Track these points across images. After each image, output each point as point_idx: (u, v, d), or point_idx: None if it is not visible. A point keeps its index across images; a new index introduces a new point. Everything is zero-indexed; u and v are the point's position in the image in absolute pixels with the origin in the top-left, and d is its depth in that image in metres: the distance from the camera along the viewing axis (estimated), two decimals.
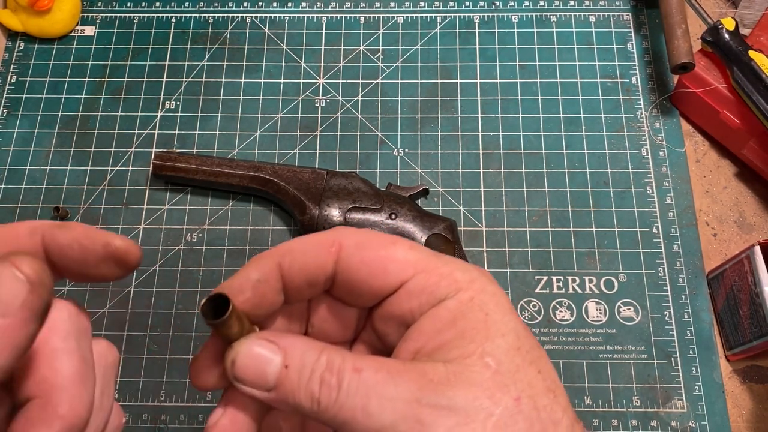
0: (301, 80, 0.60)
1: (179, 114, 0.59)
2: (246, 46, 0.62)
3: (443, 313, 0.25)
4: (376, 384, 0.23)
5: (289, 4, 0.63)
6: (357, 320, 0.29)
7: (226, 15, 0.63)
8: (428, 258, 0.26)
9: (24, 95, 0.60)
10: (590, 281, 0.52)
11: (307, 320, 0.29)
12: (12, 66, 0.61)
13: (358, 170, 0.56)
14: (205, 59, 0.61)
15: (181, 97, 0.60)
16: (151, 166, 0.56)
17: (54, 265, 0.25)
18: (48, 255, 0.25)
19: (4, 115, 0.59)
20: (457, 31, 0.62)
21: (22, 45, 0.62)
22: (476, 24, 0.62)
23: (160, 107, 0.59)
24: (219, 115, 0.59)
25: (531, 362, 0.24)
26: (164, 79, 0.60)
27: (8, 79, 0.60)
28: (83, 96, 0.60)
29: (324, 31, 0.62)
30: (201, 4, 0.64)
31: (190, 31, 0.62)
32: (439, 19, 0.62)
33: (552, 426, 0.23)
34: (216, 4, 0.63)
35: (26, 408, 0.23)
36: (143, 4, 0.64)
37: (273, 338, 0.25)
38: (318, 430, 0.29)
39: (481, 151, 0.57)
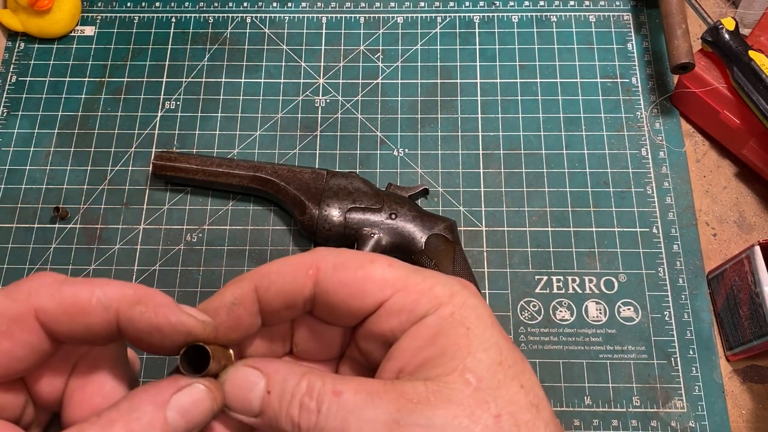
0: (301, 80, 0.60)
1: (179, 114, 0.59)
2: (246, 46, 0.62)
3: (424, 330, 0.24)
4: (355, 407, 0.23)
5: (289, 4, 0.63)
6: (341, 338, 0.29)
7: (226, 15, 0.63)
8: (407, 275, 0.25)
9: (24, 95, 0.60)
10: (590, 281, 0.52)
11: (291, 340, 0.29)
12: (12, 66, 0.61)
13: (358, 170, 0.56)
14: (205, 59, 0.61)
15: (181, 97, 0.60)
16: (151, 166, 0.56)
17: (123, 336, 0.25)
18: (120, 333, 0.24)
19: (4, 115, 0.59)
20: (457, 31, 0.62)
21: (22, 45, 0.62)
22: (476, 24, 0.62)
23: (160, 107, 0.59)
24: (219, 115, 0.59)
25: (513, 377, 0.24)
26: (164, 79, 0.60)
27: (8, 79, 0.60)
28: (83, 96, 0.60)
29: (324, 31, 0.62)
30: (201, 4, 0.64)
31: (190, 31, 0.62)
32: (439, 19, 0.62)
33: None
34: (216, 4, 0.63)
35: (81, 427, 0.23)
36: (143, 4, 0.64)
37: (257, 365, 0.25)
38: None
39: (481, 151, 0.57)
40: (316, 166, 0.56)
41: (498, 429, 0.22)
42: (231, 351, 0.26)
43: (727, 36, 0.52)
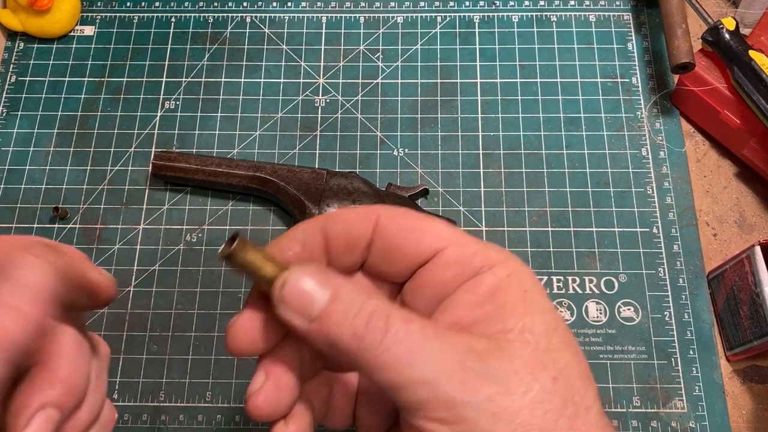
0: (301, 80, 0.60)
1: (179, 114, 0.59)
2: (246, 46, 0.61)
3: (481, 286, 0.25)
4: (424, 339, 0.23)
5: (289, 4, 0.63)
6: (388, 299, 0.29)
7: (225, 15, 0.63)
8: (463, 234, 0.26)
9: (23, 95, 0.60)
10: (590, 281, 0.52)
11: None
12: (11, 66, 0.61)
13: (358, 170, 0.56)
14: (205, 59, 0.61)
15: (181, 96, 0.60)
16: (150, 166, 0.56)
17: None
18: None
19: (4, 114, 0.59)
20: (457, 30, 0.62)
21: (22, 45, 0.62)
22: (476, 24, 0.62)
23: (159, 107, 0.59)
24: (219, 115, 0.59)
25: (568, 344, 0.24)
26: (164, 79, 0.60)
27: (8, 79, 0.60)
28: (83, 96, 0.60)
29: (324, 30, 0.62)
30: (201, 3, 0.63)
31: (190, 30, 0.62)
32: (439, 19, 0.62)
33: (584, 411, 0.23)
34: (216, 4, 0.63)
35: (30, 374, 0.24)
36: (143, 3, 0.64)
37: (325, 275, 0.24)
38: (341, 403, 0.29)
39: (481, 151, 0.57)
40: (316, 166, 0.56)
41: (554, 390, 0.23)
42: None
43: (727, 36, 0.52)
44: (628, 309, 0.52)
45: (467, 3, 0.63)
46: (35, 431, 0.23)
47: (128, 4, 0.64)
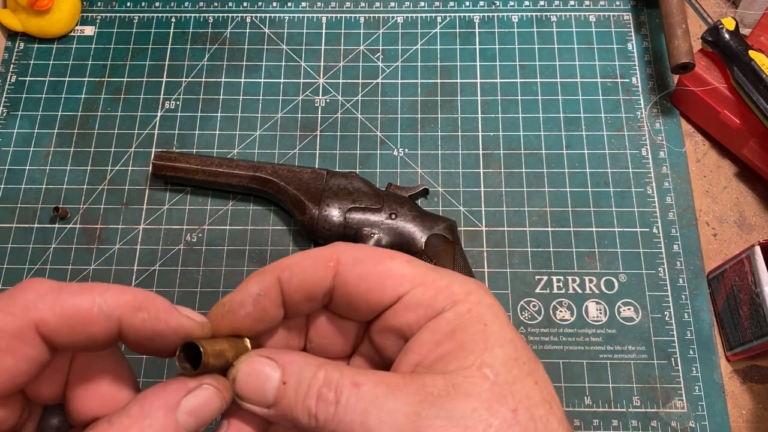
0: (301, 80, 0.60)
1: (179, 114, 0.59)
2: (246, 46, 0.62)
3: (442, 325, 0.25)
4: (375, 398, 0.23)
5: (289, 4, 0.63)
6: (355, 334, 0.29)
7: (225, 15, 0.63)
8: (425, 272, 0.26)
9: (24, 95, 0.60)
10: (590, 281, 0.52)
11: (306, 335, 0.29)
12: (12, 66, 0.61)
13: (358, 170, 0.56)
14: (205, 59, 0.61)
15: (181, 96, 0.60)
16: (150, 166, 0.56)
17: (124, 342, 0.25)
18: (122, 338, 0.25)
19: (4, 114, 0.59)
20: (457, 31, 0.62)
21: (22, 45, 0.62)
22: (476, 24, 0.62)
23: (159, 107, 0.59)
24: (219, 115, 0.59)
25: (528, 373, 0.24)
26: (164, 79, 0.60)
27: (8, 79, 0.60)
28: (83, 96, 0.60)
29: (324, 30, 0.62)
30: (201, 3, 0.64)
31: (190, 30, 0.62)
32: (439, 19, 0.62)
33: None
34: (216, 4, 0.63)
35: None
36: (143, 3, 0.64)
37: (272, 355, 0.25)
38: None
39: (481, 151, 0.57)
40: (316, 166, 0.56)
41: (515, 422, 0.23)
42: (248, 341, 0.26)
43: (727, 36, 0.52)
44: (628, 309, 0.52)
45: (467, 3, 0.63)
46: None
47: (128, 4, 0.64)
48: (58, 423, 0.26)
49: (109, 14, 0.63)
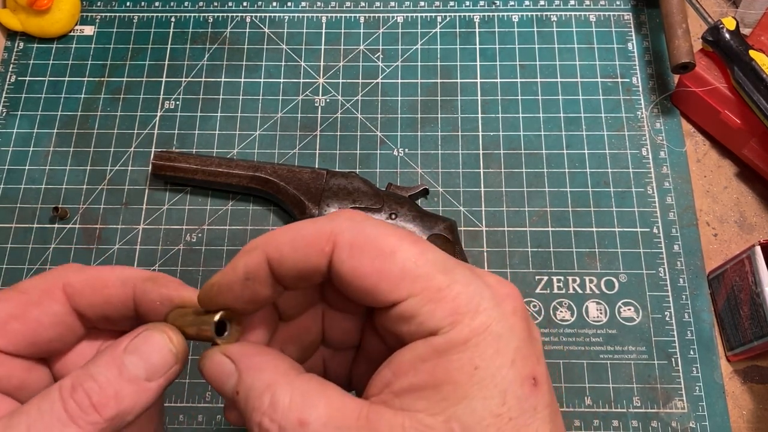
0: (301, 80, 0.60)
1: (179, 114, 0.59)
2: (246, 46, 0.61)
3: (428, 351, 0.21)
4: None
5: (289, 4, 0.63)
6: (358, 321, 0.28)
7: (225, 14, 0.63)
8: (432, 274, 0.22)
9: (23, 95, 0.60)
10: (590, 281, 0.52)
11: (321, 296, 0.28)
12: (11, 66, 0.61)
13: (358, 170, 0.56)
14: (205, 59, 0.61)
15: (181, 96, 0.59)
16: (150, 165, 0.56)
17: (138, 315, 0.27)
18: (136, 307, 0.27)
19: (4, 114, 0.59)
20: (457, 30, 0.62)
21: (22, 44, 0.62)
22: (476, 24, 0.62)
23: (159, 107, 0.59)
24: (218, 114, 0.59)
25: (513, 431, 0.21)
26: (164, 79, 0.60)
27: (7, 79, 0.60)
28: (82, 96, 0.60)
29: (324, 30, 0.62)
30: (200, 3, 0.63)
31: (190, 30, 0.62)
32: (439, 19, 0.62)
33: None
34: (215, 4, 0.63)
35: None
36: (143, 3, 0.64)
37: (235, 357, 0.24)
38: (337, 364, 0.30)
39: (481, 151, 0.57)
40: (316, 166, 0.56)
41: None
42: (217, 315, 0.25)
43: (727, 35, 0.52)
44: (629, 309, 0.51)
45: (467, 3, 0.63)
46: None
47: (128, 3, 0.64)
48: None
49: (108, 14, 0.63)
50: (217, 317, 0.25)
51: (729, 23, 0.52)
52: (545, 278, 0.53)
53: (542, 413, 0.21)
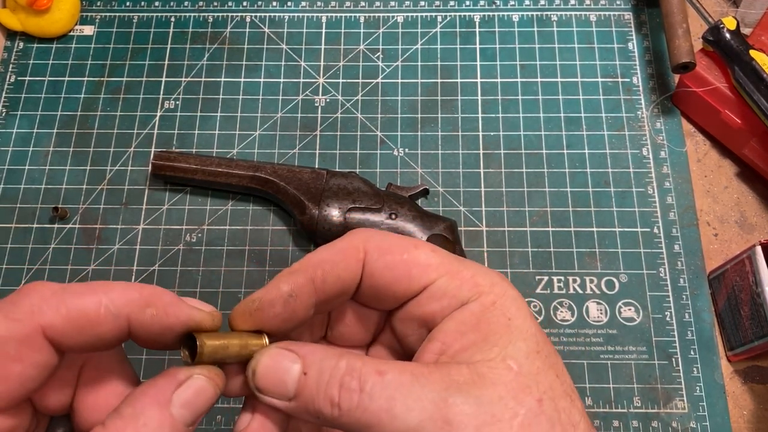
0: (301, 80, 0.60)
1: (178, 114, 0.59)
2: (245, 46, 0.61)
3: (467, 316, 0.25)
4: (400, 386, 0.23)
5: (289, 4, 0.63)
6: (376, 323, 0.29)
7: (225, 14, 0.63)
8: (450, 262, 0.26)
9: (23, 95, 0.60)
10: (591, 281, 0.52)
11: (327, 324, 0.29)
12: (11, 65, 0.61)
13: (358, 170, 0.56)
14: (205, 59, 0.61)
15: (181, 96, 0.59)
16: (150, 165, 0.56)
17: (134, 340, 0.25)
18: (132, 337, 0.24)
19: (3, 114, 0.59)
20: (458, 30, 0.62)
21: (21, 44, 0.62)
22: (476, 23, 0.62)
23: (159, 107, 0.59)
24: (218, 114, 0.59)
25: (550, 366, 0.25)
26: (163, 79, 0.60)
27: (7, 79, 0.60)
28: (82, 96, 0.60)
29: (324, 30, 0.62)
30: (200, 3, 0.63)
31: (190, 30, 0.62)
32: (439, 19, 0.62)
33: (571, 428, 0.24)
34: (215, 4, 0.63)
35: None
36: (142, 3, 0.64)
37: (292, 347, 0.25)
38: None
39: (481, 151, 0.57)
40: (316, 166, 0.56)
41: (541, 412, 0.23)
42: (266, 336, 0.26)
43: (728, 35, 0.52)
44: (629, 309, 0.51)
45: (467, 2, 0.63)
46: None
47: (128, 3, 0.64)
48: None
49: (108, 14, 0.63)
50: (266, 340, 0.25)
51: (729, 23, 0.52)
52: (545, 278, 0.52)
53: (559, 356, 0.26)
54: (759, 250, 0.46)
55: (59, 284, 0.23)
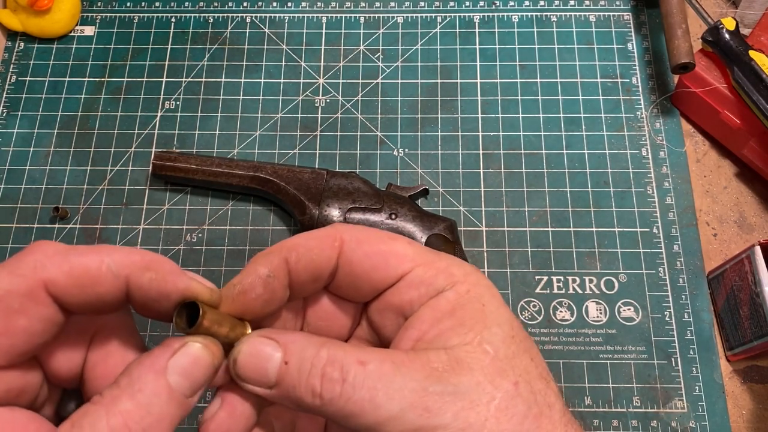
0: (301, 80, 0.60)
1: (179, 114, 0.59)
2: (246, 46, 0.61)
3: (442, 303, 0.26)
4: (382, 375, 0.23)
5: (289, 4, 0.63)
6: (353, 315, 0.29)
7: (225, 15, 0.63)
8: (425, 253, 0.27)
9: (24, 95, 0.60)
10: (590, 281, 0.52)
11: (303, 318, 0.29)
12: (12, 66, 0.61)
13: (358, 170, 0.56)
14: (205, 59, 0.61)
15: (181, 97, 0.60)
16: (150, 166, 0.56)
17: (131, 304, 0.25)
18: (129, 299, 0.24)
19: (4, 115, 0.59)
20: (457, 30, 0.62)
21: (22, 45, 0.62)
22: (476, 24, 0.62)
23: (159, 107, 0.59)
24: (219, 115, 0.59)
25: (525, 350, 0.25)
26: (164, 79, 0.60)
27: (8, 79, 0.60)
28: (83, 96, 0.60)
29: (324, 30, 0.62)
30: (201, 3, 0.63)
31: (190, 30, 0.62)
32: (439, 19, 0.62)
33: (547, 409, 0.24)
34: (216, 4, 0.63)
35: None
36: (143, 3, 0.64)
37: (273, 335, 0.25)
38: (308, 427, 0.29)
39: (481, 151, 0.57)
40: (316, 166, 0.56)
41: (517, 394, 0.24)
42: (247, 323, 0.26)
43: (727, 36, 0.52)
44: (628, 309, 0.52)
45: (467, 3, 0.63)
46: None
47: (128, 4, 0.64)
48: (75, 407, 0.26)
49: (109, 14, 0.63)
50: (249, 329, 0.26)
51: (729, 23, 0.52)
52: (545, 278, 0.53)
53: (532, 341, 0.27)
54: (758, 250, 0.46)
55: (64, 244, 0.24)
